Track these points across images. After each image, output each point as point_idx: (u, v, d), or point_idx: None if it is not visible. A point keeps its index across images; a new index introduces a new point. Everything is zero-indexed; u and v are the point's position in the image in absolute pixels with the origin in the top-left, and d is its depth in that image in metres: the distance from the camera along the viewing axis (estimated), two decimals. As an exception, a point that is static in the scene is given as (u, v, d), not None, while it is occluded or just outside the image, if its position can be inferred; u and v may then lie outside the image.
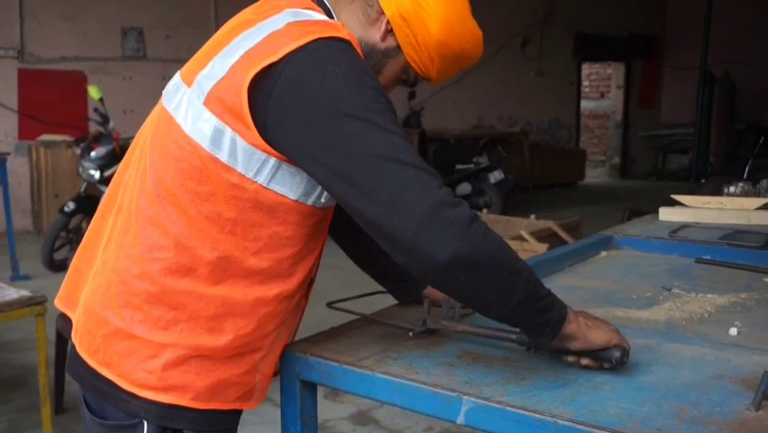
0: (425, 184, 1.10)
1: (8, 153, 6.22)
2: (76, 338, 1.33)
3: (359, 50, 1.25)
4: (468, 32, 1.33)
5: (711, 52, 8.18)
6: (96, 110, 6.16)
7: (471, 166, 8.67)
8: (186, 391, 1.25)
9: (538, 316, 1.19)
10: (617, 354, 1.23)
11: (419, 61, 1.33)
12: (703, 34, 7.91)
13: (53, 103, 7.89)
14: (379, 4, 1.31)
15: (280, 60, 1.16)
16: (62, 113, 7.85)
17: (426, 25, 1.29)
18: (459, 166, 8.76)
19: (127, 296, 1.25)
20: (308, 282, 1.38)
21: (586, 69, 13.76)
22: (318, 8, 1.30)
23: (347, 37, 1.22)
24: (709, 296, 1.79)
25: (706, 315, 1.66)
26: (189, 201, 1.22)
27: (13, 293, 2.95)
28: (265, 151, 1.19)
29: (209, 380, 1.26)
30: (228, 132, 1.19)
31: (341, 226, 1.53)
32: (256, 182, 1.21)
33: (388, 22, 1.31)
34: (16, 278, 5.75)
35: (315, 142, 1.15)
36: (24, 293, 2.95)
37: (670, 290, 1.84)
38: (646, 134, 13.56)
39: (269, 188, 1.22)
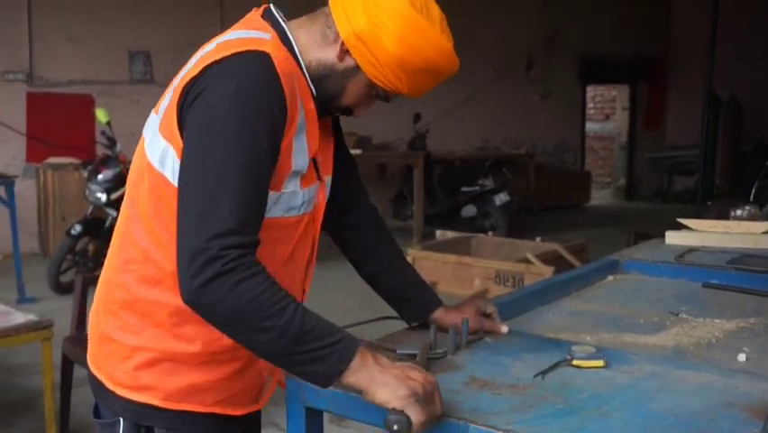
0: (209, 228, 1.15)
1: (16, 176, 6.24)
2: (88, 344, 1.48)
3: (290, 64, 1.29)
4: (429, 46, 1.31)
5: (716, 74, 8.21)
6: (103, 133, 6.19)
7: (477, 188, 8.67)
8: (156, 391, 1.35)
9: (299, 366, 1.20)
10: (389, 417, 1.12)
11: (384, 78, 1.34)
12: (708, 56, 7.95)
13: (61, 126, 7.92)
14: (336, 26, 1.33)
15: (197, 76, 1.25)
16: (70, 136, 7.88)
17: (382, 43, 1.29)
18: (464, 188, 8.76)
19: (109, 304, 1.41)
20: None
21: (591, 91, 13.77)
22: (271, 29, 1.34)
23: (268, 51, 1.26)
24: (717, 321, 1.78)
25: (714, 340, 1.65)
26: (152, 217, 1.32)
27: (19, 317, 2.95)
28: None
29: (180, 382, 1.36)
30: (171, 151, 1.29)
31: (355, 247, 1.61)
32: None
33: (343, 42, 1.32)
34: (22, 300, 5.75)
35: (186, 144, 1.24)
36: (31, 317, 2.96)
37: (677, 314, 1.84)
38: (652, 156, 13.54)
39: None
